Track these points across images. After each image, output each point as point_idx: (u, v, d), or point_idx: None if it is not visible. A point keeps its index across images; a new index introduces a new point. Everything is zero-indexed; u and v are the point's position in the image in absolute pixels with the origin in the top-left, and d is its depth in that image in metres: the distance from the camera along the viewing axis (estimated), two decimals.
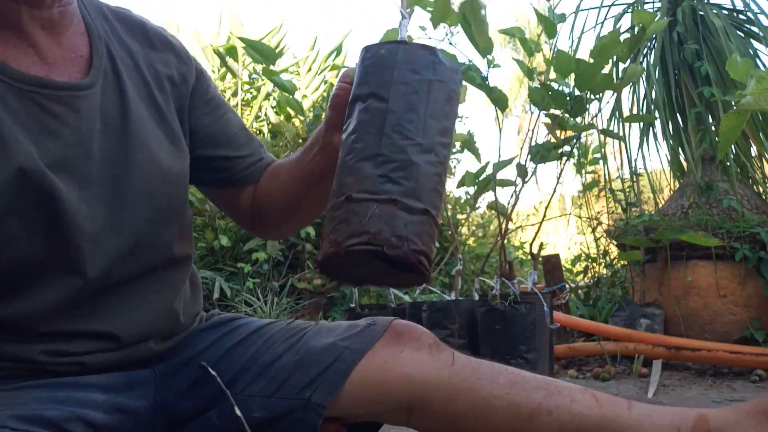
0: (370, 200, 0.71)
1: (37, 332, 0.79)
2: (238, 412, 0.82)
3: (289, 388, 0.87)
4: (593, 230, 4.02)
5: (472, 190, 2.17)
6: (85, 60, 0.85)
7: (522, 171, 2.00)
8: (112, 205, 0.82)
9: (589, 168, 3.50)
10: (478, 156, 2.04)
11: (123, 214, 0.83)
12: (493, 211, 3.00)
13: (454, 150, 2.19)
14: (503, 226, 2.06)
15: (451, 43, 1.98)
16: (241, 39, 1.67)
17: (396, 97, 0.76)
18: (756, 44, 3.48)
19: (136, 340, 0.86)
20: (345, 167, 0.75)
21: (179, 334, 0.94)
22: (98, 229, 0.81)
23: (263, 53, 1.51)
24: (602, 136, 3.41)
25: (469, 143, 2.03)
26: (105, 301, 0.83)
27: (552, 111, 1.94)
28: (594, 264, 4.02)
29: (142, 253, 0.86)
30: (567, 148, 2.03)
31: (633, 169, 3.60)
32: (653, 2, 3.63)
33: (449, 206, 4.72)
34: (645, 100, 3.66)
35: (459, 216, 4.38)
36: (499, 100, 1.94)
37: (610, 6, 3.68)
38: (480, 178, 2.09)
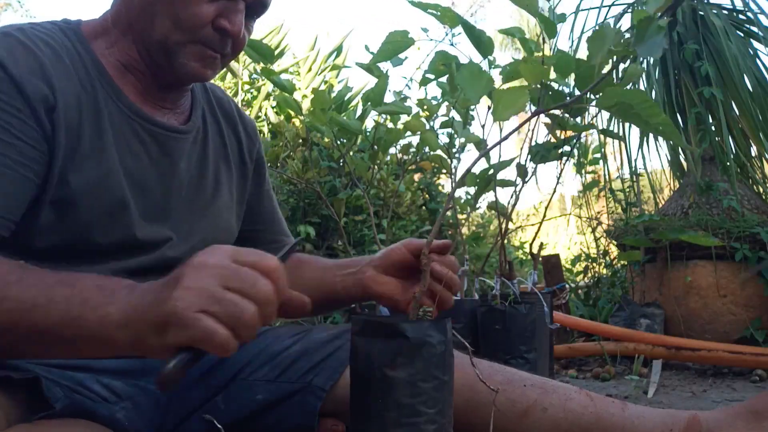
0: None
1: None
2: (216, 423, 0.89)
3: (292, 373, 0.96)
4: (593, 230, 4.02)
5: (472, 190, 2.17)
6: (185, 117, 1.02)
7: (522, 171, 2.00)
8: (168, 226, 0.95)
9: (589, 168, 3.49)
10: (488, 159, 2.04)
11: (180, 240, 0.96)
12: (493, 211, 3.00)
13: (454, 150, 2.18)
14: (503, 226, 2.06)
15: (452, 44, 1.97)
16: None
17: None
18: (756, 44, 3.48)
19: None
20: None
21: None
22: (156, 239, 0.92)
23: (262, 52, 1.51)
24: (602, 136, 3.41)
25: (480, 147, 2.03)
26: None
27: (552, 111, 1.94)
28: (594, 264, 4.02)
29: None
30: (567, 148, 2.03)
31: (633, 169, 3.60)
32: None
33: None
34: None
35: (459, 216, 4.38)
36: None
37: (610, 6, 3.68)
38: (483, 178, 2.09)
